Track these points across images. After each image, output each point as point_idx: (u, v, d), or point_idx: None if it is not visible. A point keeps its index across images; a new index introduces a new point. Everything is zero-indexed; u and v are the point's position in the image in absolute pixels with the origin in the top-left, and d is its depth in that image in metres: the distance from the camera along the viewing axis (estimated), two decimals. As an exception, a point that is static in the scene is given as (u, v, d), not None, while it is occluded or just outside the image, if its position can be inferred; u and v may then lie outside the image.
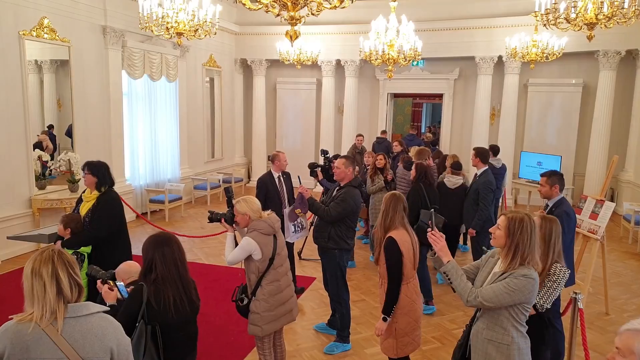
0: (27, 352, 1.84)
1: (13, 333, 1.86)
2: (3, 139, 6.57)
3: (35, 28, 6.89)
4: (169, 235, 2.71)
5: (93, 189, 4.14)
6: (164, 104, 9.57)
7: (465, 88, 11.38)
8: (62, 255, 1.96)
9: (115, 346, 1.98)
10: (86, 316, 1.94)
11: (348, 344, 4.55)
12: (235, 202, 3.44)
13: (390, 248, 3.28)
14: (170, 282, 2.56)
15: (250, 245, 3.30)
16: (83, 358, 1.89)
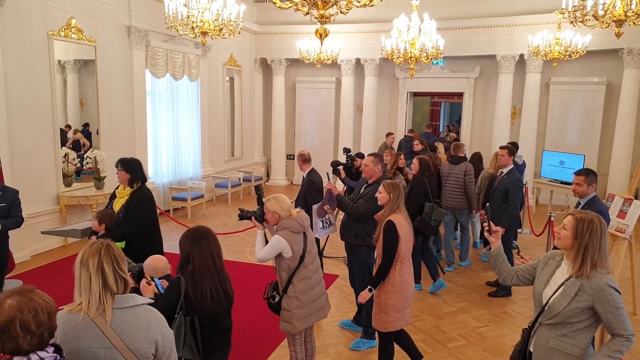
0: (78, 340, 1.90)
1: (64, 322, 1.92)
2: (32, 137, 6.72)
3: (63, 28, 7.04)
4: (206, 229, 2.76)
5: (126, 185, 4.23)
6: (185, 103, 9.68)
7: (485, 87, 11.30)
8: (109, 249, 2.02)
9: (160, 338, 2.02)
10: (132, 307, 1.99)
11: (374, 340, 4.56)
12: (266, 200, 3.48)
13: (389, 230, 3.57)
14: (207, 275, 2.61)
15: (280, 243, 3.34)
16: (130, 348, 1.94)
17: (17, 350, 1.65)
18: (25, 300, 1.67)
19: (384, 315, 3.65)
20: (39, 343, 1.67)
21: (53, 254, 6.89)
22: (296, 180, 12.77)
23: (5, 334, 1.63)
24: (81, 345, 1.90)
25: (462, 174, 6.39)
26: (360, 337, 4.60)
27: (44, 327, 1.67)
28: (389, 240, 3.59)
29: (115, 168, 4.31)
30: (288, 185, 12.82)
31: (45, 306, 1.69)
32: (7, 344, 1.65)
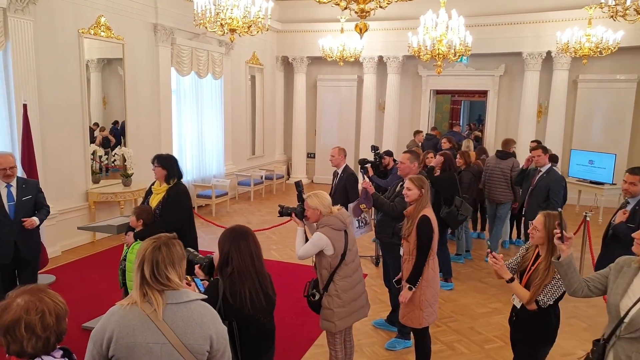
0: (134, 335, 1.87)
1: (120, 317, 1.90)
2: (63, 134, 6.77)
3: (92, 26, 7.08)
4: (245, 228, 2.67)
5: (163, 181, 4.23)
6: (209, 101, 9.70)
7: (510, 84, 11.13)
8: (170, 245, 2.00)
9: (215, 334, 1.98)
10: (186, 303, 1.96)
11: (409, 340, 4.50)
12: (307, 197, 3.44)
13: (424, 225, 3.58)
14: (246, 276, 2.51)
15: (321, 240, 3.30)
16: (185, 344, 1.91)
17: (21, 353, 1.61)
18: (34, 300, 1.63)
19: (419, 312, 3.66)
20: (44, 347, 1.63)
21: (83, 249, 6.95)
22: (318, 178, 12.74)
23: (10, 335, 1.59)
24: (137, 340, 1.88)
25: (509, 169, 6.62)
26: (396, 337, 4.54)
27: (51, 330, 1.63)
28: (425, 236, 3.59)
29: (152, 164, 4.30)
30: (309, 183, 12.78)
31: (55, 308, 1.66)
32: (12, 345, 1.61)
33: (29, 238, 4.30)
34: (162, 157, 4.25)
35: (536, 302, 2.86)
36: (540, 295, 2.84)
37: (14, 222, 4.16)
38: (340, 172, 5.66)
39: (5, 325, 1.59)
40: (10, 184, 4.20)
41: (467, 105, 19.68)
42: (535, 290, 2.84)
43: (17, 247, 4.21)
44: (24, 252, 4.26)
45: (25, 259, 4.31)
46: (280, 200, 10.70)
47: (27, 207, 4.25)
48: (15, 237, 4.17)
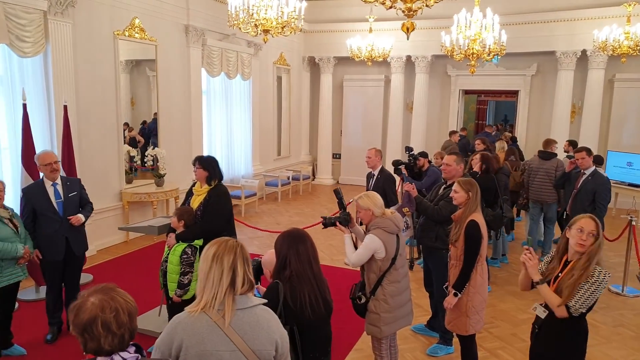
0: (203, 344, 1.84)
1: (188, 325, 1.87)
2: (98, 134, 6.85)
3: (127, 28, 7.15)
4: (302, 231, 2.62)
5: (204, 182, 4.23)
6: (238, 102, 9.72)
7: (543, 84, 10.90)
8: (243, 249, 1.97)
9: (279, 338, 1.95)
10: (251, 308, 1.92)
11: (451, 346, 4.41)
12: (358, 198, 3.39)
13: (473, 230, 3.46)
14: (305, 281, 2.46)
15: (374, 242, 3.23)
16: (253, 350, 1.87)
17: (99, 350, 1.62)
18: (107, 299, 1.64)
19: (465, 318, 3.56)
20: (120, 344, 1.63)
21: (117, 249, 7.01)
22: (343, 179, 12.68)
23: (88, 333, 1.60)
24: (207, 349, 1.84)
25: (554, 169, 6.54)
26: (437, 342, 4.45)
27: (125, 327, 1.64)
28: (474, 241, 3.48)
29: (193, 166, 4.31)
30: (334, 184, 12.72)
31: (126, 306, 1.66)
32: (90, 343, 1.62)
33: (78, 234, 4.39)
34: (203, 159, 4.25)
35: (567, 308, 2.64)
36: (573, 301, 2.62)
37: (63, 219, 4.23)
38: (376, 174, 5.57)
39: (83, 324, 1.60)
40: (56, 182, 4.26)
41: (493, 106, 19.37)
42: (570, 292, 2.61)
43: (68, 244, 4.28)
44: (74, 248, 4.34)
45: (75, 255, 4.38)
46: (307, 201, 10.68)
47: (73, 203, 4.33)
48: (66, 233, 4.25)
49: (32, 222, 4.22)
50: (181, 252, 3.94)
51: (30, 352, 4.21)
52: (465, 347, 3.72)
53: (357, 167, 12.36)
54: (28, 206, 4.21)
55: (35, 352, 4.24)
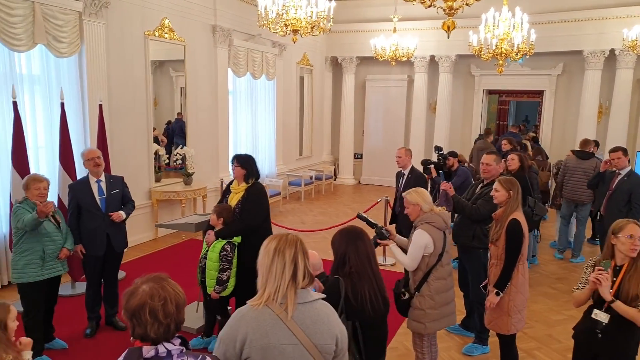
0: (267, 337, 1.85)
1: (252, 319, 1.89)
2: (129, 133, 6.95)
3: (157, 28, 7.25)
4: (359, 228, 2.65)
5: (241, 181, 4.28)
6: (263, 102, 9.79)
7: (569, 84, 10.75)
8: (302, 243, 1.99)
9: (339, 333, 1.96)
10: (312, 302, 1.93)
11: (487, 346, 4.39)
12: (407, 193, 3.41)
13: (515, 229, 3.44)
14: (365, 277, 2.48)
15: (423, 238, 3.24)
16: (315, 344, 1.88)
17: (144, 337, 1.65)
18: (158, 288, 1.67)
19: (507, 318, 3.54)
20: (165, 333, 1.66)
21: (146, 246, 7.11)
22: (365, 179, 12.67)
23: (136, 319, 1.64)
24: (270, 342, 1.85)
25: (592, 169, 6.46)
26: (473, 342, 4.43)
27: (171, 318, 1.66)
28: (515, 240, 3.46)
29: (231, 164, 4.35)
30: (356, 184, 12.72)
31: (175, 297, 1.69)
32: (137, 328, 1.65)
33: (119, 231, 4.47)
34: (241, 157, 4.31)
35: None
36: None
37: (105, 215, 4.32)
38: (406, 173, 5.57)
39: (132, 309, 1.64)
40: (100, 179, 4.35)
41: (514, 106, 19.17)
42: None
43: (109, 240, 4.36)
44: (115, 244, 4.42)
45: (115, 251, 4.46)
46: (329, 200, 10.69)
47: (116, 200, 4.42)
48: (107, 229, 4.34)
49: (76, 218, 4.31)
50: (220, 249, 3.99)
51: (70, 346, 4.29)
52: (506, 347, 3.70)
53: (378, 167, 12.37)
54: (73, 201, 4.32)
55: (76, 346, 4.32)
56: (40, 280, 3.94)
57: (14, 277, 3.97)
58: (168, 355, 1.63)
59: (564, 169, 6.89)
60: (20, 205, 3.90)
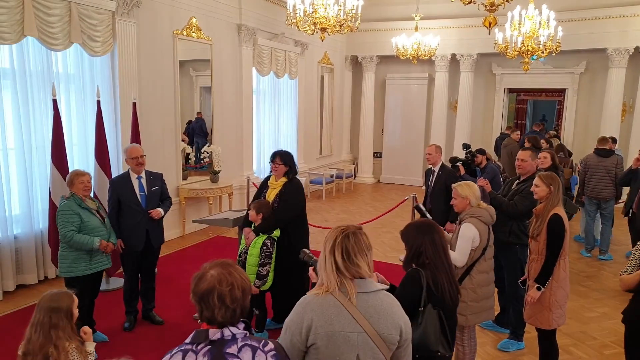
0: (331, 324, 1.88)
1: (317, 306, 1.92)
2: (158, 131, 7.04)
3: (185, 27, 7.33)
4: (430, 221, 2.69)
5: (281, 176, 4.33)
6: (286, 101, 9.86)
7: (591, 82, 10.68)
8: (357, 235, 2.00)
9: (403, 324, 1.97)
10: (375, 292, 1.96)
11: (522, 342, 4.40)
12: (457, 185, 3.45)
13: (557, 224, 3.45)
14: (441, 268, 2.50)
15: (470, 230, 3.28)
16: (379, 333, 1.91)
17: (212, 320, 1.69)
18: (225, 273, 1.71)
19: (548, 313, 3.55)
20: (232, 318, 1.70)
21: (174, 243, 7.20)
22: (385, 178, 12.68)
23: (204, 302, 1.68)
24: (335, 329, 1.89)
25: (614, 166, 6.61)
26: (508, 338, 4.44)
27: (238, 303, 1.70)
28: (557, 235, 3.47)
29: (271, 161, 4.41)
30: (375, 183, 12.74)
31: (241, 283, 1.73)
32: (205, 312, 1.69)
33: (157, 227, 4.55)
34: (283, 154, 4.39)
35: None
36: None
37: (145, 212, 4.39)
38: (437, 170, 5.58)
39: (201, 293, 1.69)
40: (140, 175, 4.43)
41: (531, 105, 19.04)
42: None
43: (148, 235, 4.43)
44: (153, 240, 4.49)
45: (153, 247, 4.53)
46: (350, 199, 10.72)
47: (155, 197, 4.49)
48: (146, 225, 4.41)
49: (116, 213, 4.39)
50: (261, 244, 4.04)
51: (111, 339, 4.37)
52: (546, 342, 3.71)
53: (398, 166, 12.39)
54: (114, 197, 4.39)
55: (116, 339, 4.40)
56: (88, 274, 4.02)
57: (62, 271, 4.05)
58: (233, 339, 1.67)
59: (585, 167, 6.94)
60: (66, 203, 3.97)
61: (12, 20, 4.97)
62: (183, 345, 1.69)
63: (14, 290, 5.34)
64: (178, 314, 4.90)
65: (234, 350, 1.65)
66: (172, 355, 1.68)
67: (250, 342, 1.69)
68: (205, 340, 1.66)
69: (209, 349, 1.65)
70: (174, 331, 4.56)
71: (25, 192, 5.42)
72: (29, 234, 5.47)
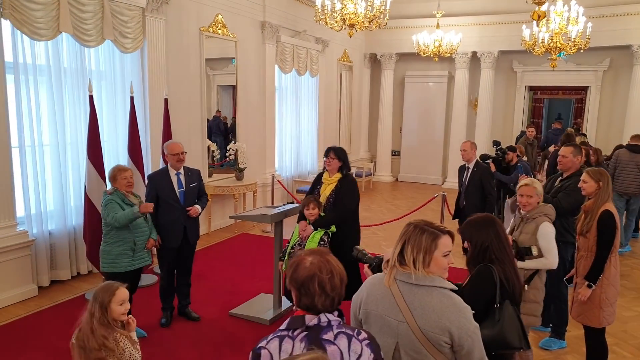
0: (376, 305, 1.96)
1: (372, 285, 2.02)
2: (185, 128, 7.03)
3: (211, 24, 7.32)
4: (492, 216, 2.63)
5: (335, 172, 4.34)
6: (306, 99, 9.84)
7: (615, 80, 10.56)
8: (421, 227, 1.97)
9: (456, 329, 1.85)
10: (428, 287, 1.89)
11: (564, 341, 4.34)
12: (532, 183, 3.41)
13: (608, 220, 3.41)
14: (508, 263, 2.43)
15: (552, 229, 3.30)
16: (420, 327, 1.87)
17: (311, 307, 1.68)
18: (324, 261, 1.71)
19: (598, 310, 3.50)
20: (330, 306, 1.69)
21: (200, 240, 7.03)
22: (403, 177, 12.63)
23: (304, 289, 1.68)
24: (379, 311, 1.94)
25: None
26: (550, 336, 4.39)
27: (336, 291, 1.70)
28: (609, 231, 3.43)
29: (325, 157, 4.43)
30: (393, 182, 12.68)
31: (340, 271, 1.73)
32: (304, 299, 1.69)
33: (194, 223, 4.53)
34: (337, 150, 4.40)
35: None
36: None
37: (183, 208, 4.36)
38: (471, 167, 5.53)
39: (301, 280, 1.69)
40: (179, 171, 4.41)
41: (547, 104, 18.90)
42: None
43: (186, 232, 4.41)
44: (190, 236, 4.47)
45: (189, 243, 4.52)
46: (370, 197, 10.67)
47: (193, 193, 4.47)
48: (184, 222, 4.39)
49: (155, 209, 4.38)
50: (319, 238, 4.06)
51: (148, 335, 4.37)
52: (595, 340, 3.65)
53: (416, 164, 12.33)
54: (152, 192, 4.37)
55: (153, 335, 4.40)
56: (130, 270, 4.02)
57: (105, 267, 4.06)
58: (328, 326, 1.67)
59: (615, 163, 6.92)
60: (110, 198, 3.98)
61: (48, 16, 4.98)
62: (278, 332, 1.69)
63: (48, 285, 5.36)
64: (212, 310, 4.89)
65: (330, 336, 1.65)
66: (268, 341, 1.67)
67: (345, 330, 1.69)
68: (302, 326, 1.66)
69: (305, 334, 1.65)
70: (210, 327, 4.56)
71: (59, 188, 5.44)
72: (62, 230, 5.48)
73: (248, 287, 5.49)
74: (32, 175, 5.20)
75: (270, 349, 1.64)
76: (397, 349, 1.90)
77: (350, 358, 1.62)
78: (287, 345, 1.64)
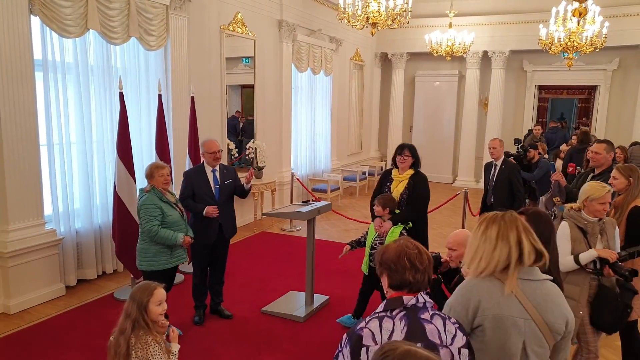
0: (499, 307, 1.87)
1: (483, 287, 1.91)
2: (206, 126, 6.98)
3: (231, 23, 7.31)
4: (535, 208, 2.64)
5: (407, 168, 4.40)
6: (321, 98, 9.84)
7: (624, 79, 10.64)
8: (522, 221, 1.95)
9: (570, 316, 1.93)
10: (541, 281, 1.92)
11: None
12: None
13: (638, 216, 3.42)
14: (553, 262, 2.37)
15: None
16: (546, 321, 1.88)
17: (402, 283, 1.73)
18: (407, 241, 1.82)
19: None
20: (422, 281, 1.74)
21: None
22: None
23: (394, 266, 1.75)
24: (503, 313, 1.88)
25: None
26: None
27: (425, 267, 1.76)
28: (638, 227, 3.44)
29: (398, 154, 4.47)
30: (402, 180, 12.69)
31: (425, 251, 1.81)
32: (395, 276, 1.75)
33: (231, 219, 4.52)
34: (411, 146, 4.47)
35: None
36: None
37: (218, 204, 4.34)
38: (499, 165, 5.56)
39: (391, 259, 1.77)
40: (215, 168, 4.40)
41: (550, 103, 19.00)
42: None
43: (221, 228, 4.40)
44: (226, 232, 4.46)
45: (225, 240, 4.52)
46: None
47: (228, 190, 4.46)
48: (220, 219, 4.38)
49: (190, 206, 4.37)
50: (399, 234, 4.09)
51: (184, 333, 4.35)
52: (628, 334, 3.63)
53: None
54: (188, 189, 4.36)
55: (188, 333, 4.38)
56: (168, 268, 4.00)
57: (143, 265, 4.03)
58: (424, 307, 1.72)
59: (630, 159, 6.90)
60: (148, 196, 3.94)
61: (77, 13, 4.96)
62: (375, 314, 1.72)
63: (75, 285, 5.33)
64: (244, 307, 4.88)
65: (427, 316, 1.71)
66: (367, 322, 1.70)
67: (438, 312, 1.74)
68: (400, 306, 1.70)
69: (404, 314, 1.69)
70: (243, 325, 4.55)
71: (86, 187, 5.40)
72: (88, 228, 5.45)
73: (276, 285, 5.49)
74: (59, 174, 5.17)
75: (371, 328, 1.67)
76: (524, 348, 1.89)
77: (447, 337, 1.69)
78: (388, 324, 1.67)
